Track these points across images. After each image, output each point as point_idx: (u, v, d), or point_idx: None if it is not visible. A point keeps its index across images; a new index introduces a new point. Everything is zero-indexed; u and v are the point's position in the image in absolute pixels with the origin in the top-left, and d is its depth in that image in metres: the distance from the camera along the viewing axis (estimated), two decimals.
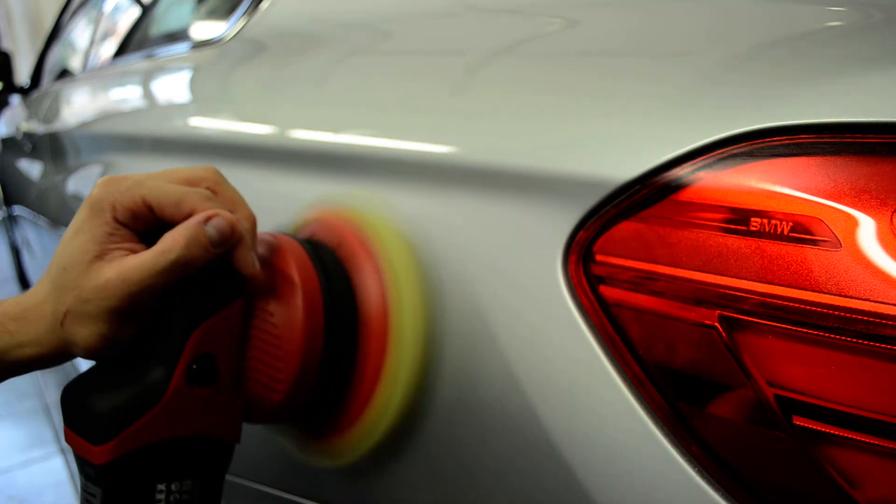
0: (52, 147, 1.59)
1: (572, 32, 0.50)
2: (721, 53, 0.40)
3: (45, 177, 1.70)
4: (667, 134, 0.38)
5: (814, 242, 0.32)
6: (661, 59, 0.43)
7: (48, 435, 2.04)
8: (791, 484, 0.34)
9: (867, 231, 0.31)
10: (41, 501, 1.72)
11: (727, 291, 0.35)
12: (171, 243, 0.40)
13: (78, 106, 1.52)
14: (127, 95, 1.20)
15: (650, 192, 0.37)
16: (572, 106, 0.44)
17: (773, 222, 0.33)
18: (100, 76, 1.49)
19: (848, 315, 0.31)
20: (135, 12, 1.62)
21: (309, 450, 0.53)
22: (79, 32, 2.13)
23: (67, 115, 1.55)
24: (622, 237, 0.39)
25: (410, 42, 0.62)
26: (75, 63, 2.07)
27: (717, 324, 0.35)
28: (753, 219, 0.34)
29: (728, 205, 0.35)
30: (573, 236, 0.41)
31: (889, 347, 0.31)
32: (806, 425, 0.33)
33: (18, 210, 2.36)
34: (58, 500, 1.73)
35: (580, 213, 0.40)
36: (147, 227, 0.42)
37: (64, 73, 2.13)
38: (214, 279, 0.42)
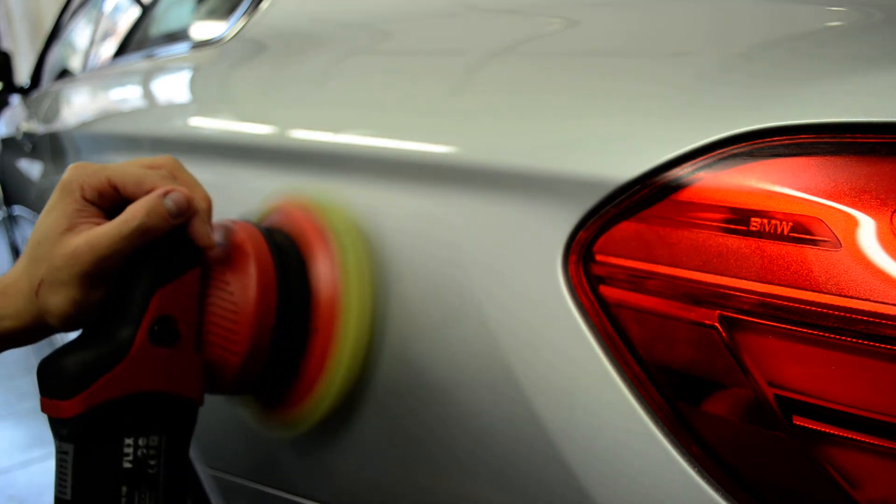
0: (52, 147, 1.59)
1: (572, 32, 0.50)
2: (721, 53, 0.40)
3: (46, 177, 1.70)
4: (667, 134, 0.38)
5: (814, 242, 0.32)
6: (661, 59, 0.43)
7: (48, 435, 2.02)
8: (791, 484, 0.34)
9: (867, 231, 0.31)
10: (41, 501, 1.72)
11: (727, 291, 0.35)
12: (134, 212, 0.44)
13: (78, 106, 1.52)
14: (127, 95, 1.20)
15: (650, 192, 0.37)
16: (572, 106, 0.44)
17: (773, 222, 0.33)
18: (100, 76, 1.49)
19: (848, 315, 0.31)
20: (135, 12, 1.62)
21: (265, 421, 0.57)
22: (79, 32, 2.13)
23: (67, 115, 1.55)
24: (622, 237, 0.39)
25: (410, 42, 0.62)
26: (75, 63, 2.07)
27: (717, 324, 0.35)
28: (753, 219, 0.34)
29: (728, 205, 0.35)
30: (573, 236, 0.41)
31: (889, 347, 0.31)
32: (806, 425, 0.33)
33: (18, 210, 2.36)
34: None
35: (580, 213, 0.40)
36: (112, 205, 0.47)
37: (64, 73, 2.13)
38: (173, 249, 0.47)
